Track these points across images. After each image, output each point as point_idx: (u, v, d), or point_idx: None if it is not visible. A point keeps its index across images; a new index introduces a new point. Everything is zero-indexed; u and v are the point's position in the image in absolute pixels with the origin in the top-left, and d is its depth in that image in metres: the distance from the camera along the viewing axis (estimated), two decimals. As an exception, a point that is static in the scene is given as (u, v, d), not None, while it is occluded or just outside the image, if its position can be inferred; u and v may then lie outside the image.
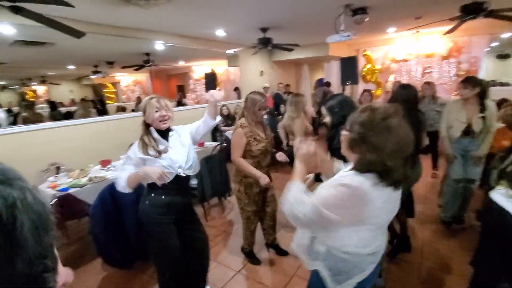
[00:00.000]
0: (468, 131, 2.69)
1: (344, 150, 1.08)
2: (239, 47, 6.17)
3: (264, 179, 2.14)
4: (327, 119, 1.96)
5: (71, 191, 2.70)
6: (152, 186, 1.70)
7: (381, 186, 0.96)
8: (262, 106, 2.17)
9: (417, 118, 2.22)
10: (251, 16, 4.11)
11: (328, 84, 6.82)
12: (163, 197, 1.75)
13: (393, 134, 0.93)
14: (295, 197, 1.05)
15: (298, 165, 1.18)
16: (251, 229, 2.49)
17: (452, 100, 3.15)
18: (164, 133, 1.78)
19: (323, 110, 1.99)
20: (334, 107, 1.91)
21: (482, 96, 2.61)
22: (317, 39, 6.12)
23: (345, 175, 1.04)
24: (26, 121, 4.57)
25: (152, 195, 1.76)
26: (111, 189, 2.42)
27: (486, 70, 6.64)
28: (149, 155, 1.66)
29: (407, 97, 2.26)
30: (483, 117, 2.60)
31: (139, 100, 7.63)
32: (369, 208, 0.96)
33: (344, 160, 1.20)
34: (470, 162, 2.76)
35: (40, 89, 7.02)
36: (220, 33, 5.01)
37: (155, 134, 1.73)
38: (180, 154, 1.76)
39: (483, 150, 2.65)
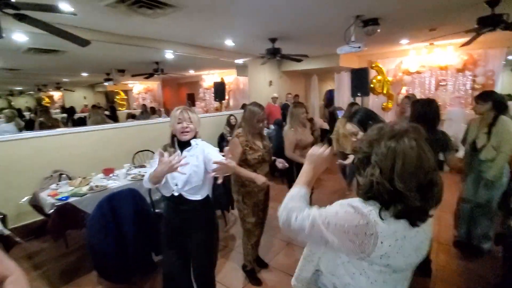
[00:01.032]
0: (475, 147, 2.56)
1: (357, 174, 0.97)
2: (248, 57, 6.15)
3: (260, 179, 2.11)
4: (359, 135, 1.67)
5: (71, 200, 2.65)
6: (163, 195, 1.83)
7: (390, 219, 0.81)
8: (260, 118, 2.19)
9: (437, 137, 2.08)
10: (260, 27, 4.08)
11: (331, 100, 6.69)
12: (167, 207, 1.85)
13: (401, 156, 0.79)
14: (293, 199, 0.98)
15: (306, 167, 1.10)
16: (252, 242, 2.41)
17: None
18: (184, 145, 1.77)
19: (351, 126, 1.71)
20: (364, 120, 1.66)
21: (499, 110, 2.44)
22: (327, 50, 6.05)
23: (357, 199, 0.91)
24: (42, 126, 4.65)
25: (166, 201, 1.86)
26: (110, 199, 2.35)
27: (502, 84, 6.41)
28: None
29: (427, 114, 2.12)
30: (489, 133, 2.44)
31: (144, 108, 7.66)
32: (376, 242, 0.80)
33: None
34: (481, 183, 2.58)
35: (56, 95, 7.23)
36: (229, 43, 5.00)
37: (175, 144, 1.77)
38: (184, 172, 1.66)
39: (491, 172, 2.43)
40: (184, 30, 4.10)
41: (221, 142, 5.44)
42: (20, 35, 3.35)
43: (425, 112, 2.19)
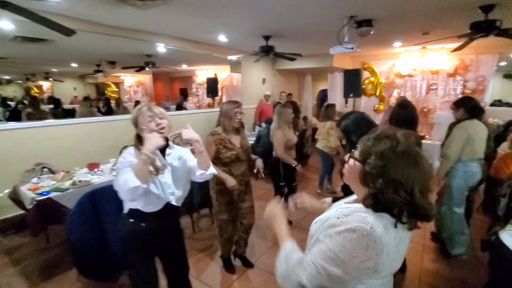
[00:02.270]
0: None
1: (351, 181, 0.92)
2: (241, 53, 6.09)
3: (230, 181, 2.17)
4: (343, 141, 1.72)
5: (52, 195, 2.58)
6: (133, 212, 1.54)
7: (392, 226, 0.80)
8: (237, 112, 2.21)
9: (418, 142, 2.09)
10: (254, 23, 4.02)
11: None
12: (143, 224, 1.53)
13: (419, 167, 0.79)
14: (291, 260, 0.89)
15: (276, 224, 1.05)
16: (225, 237, 2.47)
17: None
18: (161, 150, 1.52)
19: (338, 132, 1.74)
20: (349, 126, 1.67)
21: (472, 115, 2.56)
22: (321, 50, 6.02)
23: (348, 212, 0.86)
24: (30, 117, 4.51)
25: (132, 220, 1.55)
26: (91, 195, 2.28)
27: (493, 89, 6.50)
28: (154, 167, 1.44)
29: (407, 118, 2.13)
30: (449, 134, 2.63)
31: (137, 104, 7.51)
32: (381, 255, 0.79)
33: None
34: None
35: (46, 85, 7.04)
36: (222, 38, 4.93)
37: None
38: (176, 179, 1.55)
39: (440, 172, 2.65)
40: (176, 23, 4.01)
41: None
42: (6, 23, 3.23)
43: (399, 114, 2.20)
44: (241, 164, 2.34)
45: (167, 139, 1.56)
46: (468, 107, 2.54)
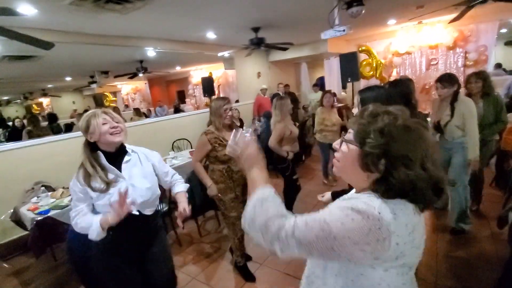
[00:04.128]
0: (439, 127, 2.59)
1: (346, 170, 0.82)
2: (232, 49, 5.96)
3: (211, 190, 2.19)
4: (354, 110, 1.61)
5: (52, 213, 2.53)
6: None
7: (404, 212, 0.72)
8: (226, 108, 2.18)
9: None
10: (240, 16, 3.90)
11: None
12: (111, 232, 1.40)
13: (424, 138, 0.73)
14: (268, 209, 0.78)
15: (252, 171, 0.91)
16: (239, 235, 2.38)
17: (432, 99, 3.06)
18: (116, 156, 1.42)
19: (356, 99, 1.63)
20: (368, 101, 1.51)
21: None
22: (314, 37, 5.86)
23: (357, 195, 0.76)
24: (31, 135, 4.47)
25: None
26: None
27: (495, 58, 6.30)
28: (92, 188, 1.32)
29: (400, 95, 2.00)
30: (452, 111, 2.47)
31: (137, 111, 7.46)
32: (390, 245, 0.70)
33: None
34: (454, 163, 2.59)
35: (45, 101, 7.05)
36: (211, 35, 4.82)
37: (103, 161, 1.38)
38: (137, 187, 1.43)
39: (472, 154, 2.42)
40: (160, 25, 3.91)
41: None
42: (-11, 44, 3.17)
43: (389, 93, 2.06)
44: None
45: (122, 145, 1.47)
46: (458, 82, 2.46)
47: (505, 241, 2.44)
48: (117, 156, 1.43)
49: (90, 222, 1.32)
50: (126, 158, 1.46)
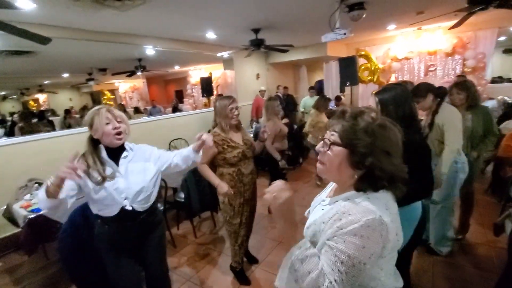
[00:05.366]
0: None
1: (331, 171, 0.86)
2: (232, 49, 5.94)
3: (222, 187, 2.02)
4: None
5: (44, 211, 2.48)
6: (96, 214, 1.53)
7: (392, 203, 0.82)
8: (232, 107, 2.09)
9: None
10: (241, 17, 3.89)
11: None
12: (106, 226, 1.52)
13: (395, 135, 0.82)
14: (305, 272, 0.78)
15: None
16: (239, 242, 2.30)
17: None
18: (116, 153, 1.49)
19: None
20: (387, 102, 1.49)
21: (440, 96, 2.24)
22: (314, 39, 5.88)
23: (351, 205, 0.79)
24: (23, 132, 4.42)
25: (99, 221, 1.56)
26: (83, 209, 2.18)
27: (492, 66, 6.34)
28: (90, 178, 1.37)
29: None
30: (431, 123, 2.20)
31: (137, 110, 7.41)
32: (389, 237, 0.77)
33: None
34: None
35: (42, 97, 6.97)
36: (211, 35, 4.79)
37: (104, 154, 1.45)
38: (130, 182, 1.47)
39: (442, 169, 2.12)
40: (160, 23, 3.88)
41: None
42: (-15, 38, 3.13)
43: (407, 93, 1.98)
44: (249, 162, 2.22)
45: (122, 146, 1.52)
46: (434, 90, 2.24)
47: (501, 248, 2.45)
48: (117, 151, 1.50)
49: (41, 191, 1.25)
50: (124, 154, 1.51)
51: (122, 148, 1.52)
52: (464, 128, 2.25)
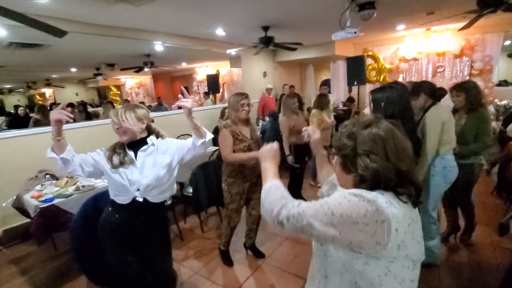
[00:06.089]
0: None
1: (339, 178, 0.92)
2: (240, 47, 5.95)
3: (260, 153, 2.07)
4: (366, 110, 1.66)
5: (56, 201, 2.52)
6: (112, 202, 1.65)
7: (395, 203, 0.76)
8: (244, 103, 2.23)
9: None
10: (251, 14, 3.90)
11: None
12: (117, 215, 1.64)
13: (390, 136, 0.81)
14: (270, 193, 0.91)
15: (264, 164, 1.10)
16: (231, 226, 2.49)
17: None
18: (136, 144, 1.62)
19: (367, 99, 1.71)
20: (379, 100, 1.59)
21: (434, 98, 2.19)
22: (322, 38, 5.87)
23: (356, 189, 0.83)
24: (38, 124, 4.45)
25: (110, 209, 1.67)
26: (95, 200, 2.22)
27: (497, 69, 6.31)
28: (111, 162, 1.55)
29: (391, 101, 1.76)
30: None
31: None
32: (390, 230, 0.72)
33: None
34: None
35: (48, 92, 7.01)
36: (220, 32, 4.81)
37: (125, 145, 1.62)
38: (144, 175, 1.58)
39: (419, 172, 2.04)
40: (171, 19, 3.90)
41: (216, 135, 5.29)
42: (-3, 29, 3.16)
43: (401, 94, 1.93)
44: None
45: (145, 140, 1.64)
46: (427, 90, 2.18)
47: (505, 248, 2.47)
48: (137, 144, 1.62)
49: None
50: (143, 147, 1.62)
51: (143, 142, 1.63)
52: (456, 129, 2.21)
